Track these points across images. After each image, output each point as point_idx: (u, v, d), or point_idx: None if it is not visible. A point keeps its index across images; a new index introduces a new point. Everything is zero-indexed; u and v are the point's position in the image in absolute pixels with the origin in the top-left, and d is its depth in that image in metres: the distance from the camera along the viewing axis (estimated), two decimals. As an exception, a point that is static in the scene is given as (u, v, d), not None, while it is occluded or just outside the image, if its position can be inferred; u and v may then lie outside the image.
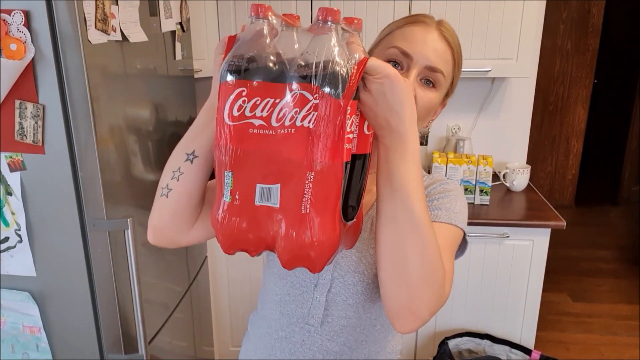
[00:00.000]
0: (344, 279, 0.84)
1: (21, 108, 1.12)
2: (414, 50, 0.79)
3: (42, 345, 1.32)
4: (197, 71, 1.98)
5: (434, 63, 0.79)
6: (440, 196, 0.84)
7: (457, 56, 0.83)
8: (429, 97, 0.80)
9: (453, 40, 0.82)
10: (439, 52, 0.80)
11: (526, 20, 1.93)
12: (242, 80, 0.59)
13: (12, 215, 1.21)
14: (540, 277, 1.98)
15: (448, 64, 0.81)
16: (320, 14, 0.59)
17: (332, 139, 0.58)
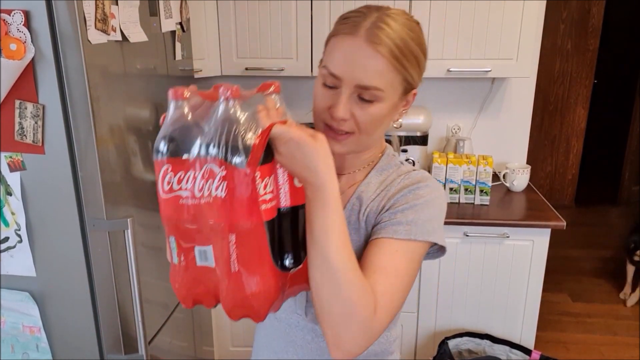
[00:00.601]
0: None
1: (21, 108, 1.12)
2: (341, 71, 0.76)
3: (42, 345, 1.32)
4: (197, 71, 1.98)
5: (364, 82, 0.75)
6: (405, 207, 0.82)
7: (400, 58, 0.76)
8: (370, 112, 0.78)
9: (389, 44, 0.75)
10: (369, 68, 0.75)
11: (526, 21, 1.93)
12: (165, 158, 0.68)
13: (12, 215, 1.21)
14: (540, 277, 1.98)
15: (384, 75, 0.76)
16: (221, 92, 0.66)
17: (245, 203, 0.65)
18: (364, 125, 0.79)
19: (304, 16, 2.00)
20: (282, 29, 2.03)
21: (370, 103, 0.78)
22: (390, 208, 0.83)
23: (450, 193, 2.06)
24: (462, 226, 1.93)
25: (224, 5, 2.03)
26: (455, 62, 2.00)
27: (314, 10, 2.00)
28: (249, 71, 2.09)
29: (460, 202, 2.06)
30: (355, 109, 0.78)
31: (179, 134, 0.68)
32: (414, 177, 0.88)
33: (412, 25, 0.80)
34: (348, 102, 0.77)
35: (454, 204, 2.06)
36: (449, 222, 1.91)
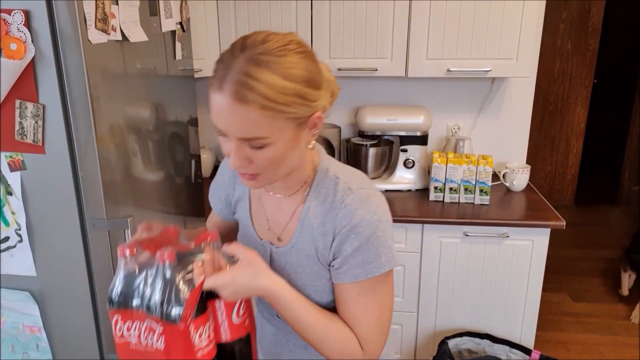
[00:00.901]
0: None
1: (21, 108, 1.12)
2: (222, 126, 0.76)
3: (42, 344, 1.33)
4: (197, 71, 1.98)
5: (244, 135, 0.75)
6: (354, 251, 0.84)
7: (273, 106, 0.73)
8: (264, 156, 0.78)
9: (256, 99, 0.72)
10: (243, 123, 0.74)
11: (526, 20, 1.93)
12: (115, 309, 0.79)
13: (13, 214, 1.21)
14: (540, 277, 1.98)
15: (261, 125, 0.74)
16: (158, 257, 0.76)
17: (182, 354, 0.76)
18: (265, 167, 0.80)
19: (304, 16, 2.01)
20: (282, 28, 2.03)
21: (262, 148, 0.77)
22: (340, 253, 0.86)
23: (450, 193, 2.06)
24: (462, 226, 1.93)
25: (224, 5, 2.03)
26: (455, 62, 2.01)
27: (314, 10, 2.00)
28: (249, 71, 2.09)
29: (460, 202, 2.07)
30: (250, 154, 0.78)
31: (126, 288, 0.78)
32: (352, 209, 0.85)
33: (285, 60, 0.74)
34: (239, 152, 0.78)
35: (453, 203, 2.06)
36: (449, 222, 1.91)
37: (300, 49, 0.77)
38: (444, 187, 2.07)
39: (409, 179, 2.21)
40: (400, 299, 2.07)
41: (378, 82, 2.38)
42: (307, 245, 0.89)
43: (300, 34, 2.02)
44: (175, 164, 1.64)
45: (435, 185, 2.07)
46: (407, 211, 1.98)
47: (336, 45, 2.04)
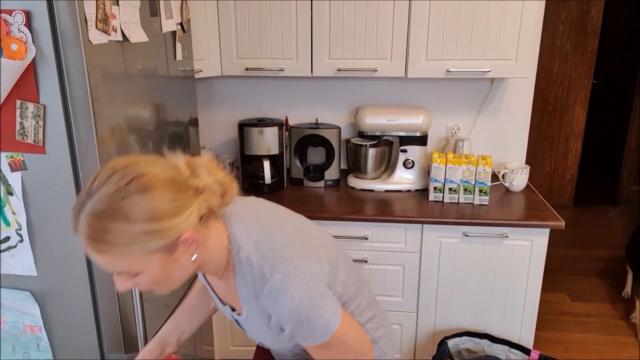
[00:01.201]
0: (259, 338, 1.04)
1: (22, 108, 1.12)
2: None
3: (42, 344, 1.33)
4: (198, 71, 1.98)
5: (107, 269, 0.81)
6: (290, 331, 0.89)
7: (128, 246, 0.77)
8: (142, 281, 0.83)
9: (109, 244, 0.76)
10: (105, 265, 0.80)
11: (525, 21, 1.93)
12: None
13: (13, 214, 1.21)
14: (539, 277, 1.99)
15: (123, 264, 0.79)
16: None
17: None
18: (151, 286, 0.85)
19: (304, 16, 2.01)
20: (282, 29, 2.04)
21: (137, 275, 0.82)
22: (285, 329, 0.90)
23: (449, 193, 2.07)
24: (461, 226, 1.93)
25: (224, 6, 2.03)
26: (455, 62, 2.01)
27: (314, 10, 2.00)
28: (249, 71, 2.10)
29: (459, 202, 2.07)
30: (132, 280, 0.83)
31: None
32: (272, 298, 0.88)
33: (128, 204, 0.75)
34: (119, 279, 0.83)
35: (453, 204, 2.06)
36: (448, 222, 1.92)
37: (145, 184, 0.76)
38: (444, 188, 2.07)
39: (408, 179, 2.21)
40: (400, 298, 2.08)
41: (378, 83, 2.39)
42: (259, 316, 0.93)
43: (300, 34, 2.03)
44: (175, 164, 1.64)
45: (435, 185, 2.07)
46: (407, 211, 1.98)
47: (336, 45, 2.04)
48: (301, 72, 2.09)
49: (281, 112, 2.44)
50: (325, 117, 2.45)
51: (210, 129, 2.50)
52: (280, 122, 2.20)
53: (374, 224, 1.97)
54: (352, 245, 2.01)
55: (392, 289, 2.06)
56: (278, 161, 2.22)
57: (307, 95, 2.43)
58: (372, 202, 2.09)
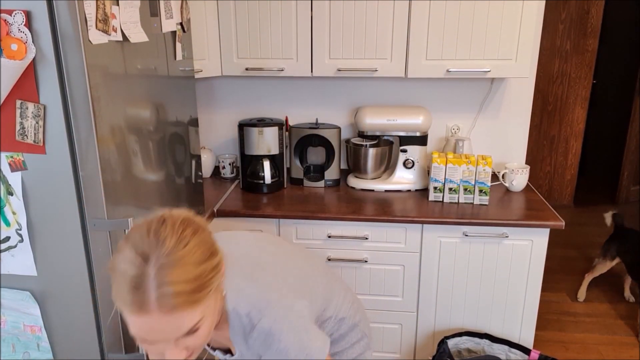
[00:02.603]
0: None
1: (22, 108, 1.12)
2: (153, 339, 0.74)
3: (42, 344, 1.33)
4: (198, 71, 1.98)
5: (182, 334, 0.74)
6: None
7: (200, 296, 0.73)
8: (199, 336, 0.77)
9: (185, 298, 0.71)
10: (181, 325, 0.73)
11: (525, 21, 1.94)
12: None
13: (13, 214, 1.21)
14: (539, 277, 1.99)
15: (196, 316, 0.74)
16: None
17: None
18: (200, 345, 0.80)
19: (304, 16, 2.01)
20: (282, 29, 2.04)
21: (196, 331, 0.77)
22: None
23: (449, 193, 2.07)
24: (461, 226, 1.94)
25: (224, 6, 2.03)
26: (455, 62, 2.01)
27: (314, 10, 2.00)
28: (249, 71, 2.10)
29: (459, 202, 2.07)
30: (186, 342, 0.76)
31: None
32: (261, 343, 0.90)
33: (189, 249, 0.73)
34: (177, 347, 0.76)
35: (453, 203, 2.06)
36: (448, 222, 1.92)
37: (193, 228, 0.76)
38: (444, 187, 2.07)
39: (408, 179, 2.21)
40: (400, 298, 2.08)
41: (378, 83, 2.39)
42: (252, 356, 0.96)
43: (300, 34, 2.03)
44: (175, 164, 1.64)
45: (435, 185, 2.07)
46: (407, 211, 1.98)
47: (336, 45, 2.04)
48: (301, 72, 2.09)
49: (281, 112, 2.44)
50: (325, 117, 2.45)
51: (210, 129, 2.51)
52: (280, 122, 2.20)
53: (374, 224, 1.98)
54: (352, 245, 2.01)
55: (392, 289, 2.07)
56: (278, 161, 2.22)
57: (307, 95, 2.43)
58: (372, 202, 2.09)
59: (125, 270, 0.71)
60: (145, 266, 0.70)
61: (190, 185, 1.79)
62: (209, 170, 2.46)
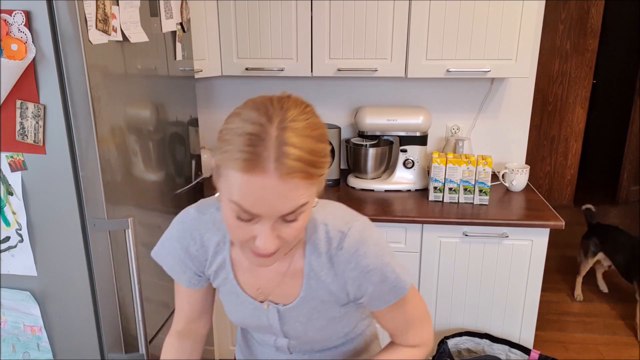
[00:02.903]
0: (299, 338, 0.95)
1: (22, 108, 1.13)
2: (258, 210, 0.68)
3: (42, 344, 1.33)
4: (198, 71, 1.98)
5: (288, 210, 0.69)
6: (373, 288, 0.84)
7: (313, 172, 0.69)
8: (296, 227, 0.72)
9: (302, 167, 0.66)
10: (290, 198, 0.68)
11: (525, 21, 1.93)
12: None
13: (13, 214, 1.21)
14: (539, 277, 1.99)
15: (304, 194, 0.69)
16: None
17: None
18: (293, 240, 0.75)
19: (304, 16, 2.01)
20: (282, 29, 2.04)
21: (294, 221, 0.72)
22: (362, 293, 0.86)
23: (449, 193, 2.07)
24: (461, 226, 1.93)
25: (224, 6, 2.03)
26: (455, 62, 2.01)
27: (314, 10, 2.00)
28: (249, 71, 2.10)
29: (459, 202, 2.07)
30: (281, 230, 0.72)
31: None
32: (352, 252, 0.83)
33: (311, 122, 0.70)
34: (273, 231, 0.71)
35: (453, 203, 2.06)
36: (448, 222, 1.92)
37: (312, 109, 0.73)
38: (444, 187, 2.07)
39: (408, 179, 2.21)
40: (400, 298, 2.08)
41: (378, 83, 2.39)
42: (320, 293, 0.87)
43: (300, 34, 2.03)
44: (175, 164, 1.64)
45: (435, 185, 2.07)
46: (407, 211, 1.98)
47: (336, 45, 2.04)
48: (301, 72, 2.09)
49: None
50: (325, 117, 2.45)
51: (210, 128, 2.51)
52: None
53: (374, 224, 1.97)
54: (352, 245, 2.01)
55: (392, 289, 2.06)
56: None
57: (307, 95, 2.43)
58: (372, 202, 2.09)
59: (244, 128, 0.67)
60: (269, 125, 0.66)
61: (190, 185, 1.79)
62: (209, 170, 2.46)
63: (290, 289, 0.88)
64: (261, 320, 0.93)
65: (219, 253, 0.90)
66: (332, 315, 0.90)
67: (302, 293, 0.87)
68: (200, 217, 0.89)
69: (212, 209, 0.89)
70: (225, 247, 0.89)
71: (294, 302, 0.89)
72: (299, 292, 0.88)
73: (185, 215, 0.90)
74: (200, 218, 0.89)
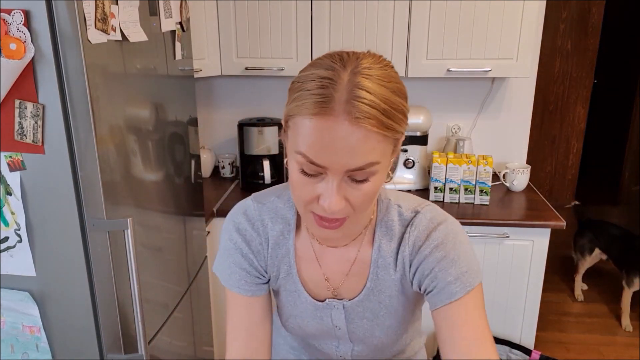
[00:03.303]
0: (364, 342, 0.88)
1: (21, 108, 1.12)
2: (325, 160, 0.63)
3: (41, 345, 1.32)
4: (197, 71, 1.98)
5: (356, 164, 0.63)
6: (441, 267, 0.75)
7: (388, 123, 0.63)
8: (365, 191, 0.66)
9: (375, 114, 0.62)
10: (359, 149, 0.62)
11: (526, 20, 1.93)
12: None
13: (12, 215, 1.21)
14: (540, 277, 1.98)
15: (376, 148, 0.64)
16: None
17: None
18: (360, 206, 0.68)
19: (304, 16, 2.01)
20: (282, 29, 2.03)
21: (364, 181, 0.66)
22: (429, 274, 0.76)
23: (450, 193, 2.06)
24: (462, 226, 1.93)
25: (224, 5, 2.03)
26: (455, 62, 2.01)
27: (314, 10, 2.00)
28: (249, 71, 2.10)
29: (460, 202, 2.07)
30: (349, 192, 0.66)
31: None
32: (425, 228, 0.78)
33: (388, 73, 0.66)
34: (339, 190, 0.65)
35: (453, 203, 2.06)
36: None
37: (391, 64, 0.69)
38: (444, 187, 2.07)
39: (409, 179, 2.21)
40: (400, 299, 2.07)
41: (378, 82, 2.38)
42: (387, 284, 0.81)
43: (300, 34, 2.03)
44: (175, 164, 1.64)
45: (435, 185, 2.07)
46: (407, 211, 1.98)
47: (336, 45, 2.03)
48: (301, 71, 2.08)
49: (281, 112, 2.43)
50: (326, 116, 2.45)
51: (210, 128, 2.50)
52: (280, 122, 2.20)
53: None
54: (353, 245, 2.01)
55: (392, 289, 2.06)
56: (278, 161, 2.22)
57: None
58: (373, 202, 2.09)
59: (317, 73, 0.64)
60: (342, 71, 0.63)
61: (190, 185, 1.78)
62: (208, 170, 2.45)
63: (356, 282, 0.82)
64: (324, 322, 0.86)
65: (281, 244, 0.84)
66: (401, 309, 0.84)
67: (368, 284, 0.81)
68: (261, 206, 0.84)
69: (271, 197, 0.84)
70: (289, 235, 0.83)
71: (360, 295, 0.83)
72: (365, 283, 0.82)
73: (244, 207, 0.84)
74: (261, 207, 0.83)
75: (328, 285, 0.84)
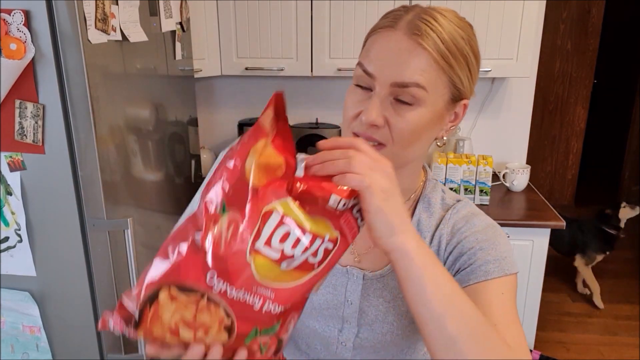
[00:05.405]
0: (372, 327, 0.80)
1: (21, 108, 1.12)
2: (375, 68, 0.66)
3: (42, 345, 1.32)
4: (197, 71, 1.98)
5: (402, 78, 0.64)
6: (481, 247, 0.74)
7: (446, 55, 0.65)
8: (407, 118, 0.66)
9: (434, 37, 0.64)
10: (409, 63, 0.64)
11: (526, 20, 1.93)
12: None
13: (12, 215, 1.21)
14: (540, 277, 1.98)
15: (426, 72, 0.64)
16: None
17: None
18: (400, 135, 0.67)
19: (304, 16, 2.00)
20: (282, 29, 2.03)
21: (409, 106, 0.66)
22: (465, 252, 0.74)
23: (450, 193, 2.07)
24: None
25: (224, 5, 2.03)
26: (455, 62, 2.01)
27: (314, 10, 2.00)
28: (249, 71, 2.10)
29: (460, 202, 2.07)
30: (391, 114, 0.66)
31: None
32: (465, 214, 0.78)
33: (463, 24, 0.68)
34: (381, 104, 0.66)
35: (453, 203, 2.06)
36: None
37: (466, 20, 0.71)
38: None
39: (409, 179, 2.21)
40: (400, 299, 2.07)
41: (378, 82, 2.38)
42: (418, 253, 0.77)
43: (300, 34, 2.03)
44: (175, 164, 1.64)
45: (435, 185, 2.07)
46: (407, 211, 1.98)
47: (336, 45, 2.03)
48: (301, 71, 2.08)
49: (281, 112, 2.44)
50: (325, 117, 2.45)
51: (210, 128, 2.50)
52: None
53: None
54: (353, 245, 2.01)
55: (392, 289, 2.06)
56: (278, 161, 2.21)
57: (307, 95, 2.42)
58: (373, 202, 2.08)
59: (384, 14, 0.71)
60: (406, 11, 0.69)
61: (190, 185, 1.78)
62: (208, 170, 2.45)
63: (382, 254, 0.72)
64: (337, 292, 0.80)
65: None
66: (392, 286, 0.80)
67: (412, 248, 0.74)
68: None
69: None
70: None
71: (384, 269, 0.78)
72: None
73: None
74: None
75: (353, 249, 0.80)
